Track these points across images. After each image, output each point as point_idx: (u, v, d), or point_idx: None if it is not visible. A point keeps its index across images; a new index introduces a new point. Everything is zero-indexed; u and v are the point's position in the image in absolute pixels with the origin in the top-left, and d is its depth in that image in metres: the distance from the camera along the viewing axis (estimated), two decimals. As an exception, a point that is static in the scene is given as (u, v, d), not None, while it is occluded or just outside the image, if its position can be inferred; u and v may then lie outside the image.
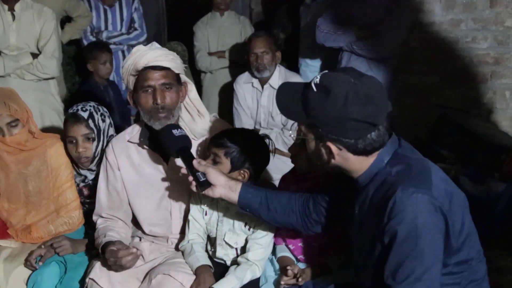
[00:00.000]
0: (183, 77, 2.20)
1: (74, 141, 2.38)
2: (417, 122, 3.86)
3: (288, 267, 1.99)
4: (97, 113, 2.41)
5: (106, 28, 4.45)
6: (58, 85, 3.88)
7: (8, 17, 3.33)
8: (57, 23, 3.56)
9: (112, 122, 2.50)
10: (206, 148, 2.15)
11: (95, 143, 2.39)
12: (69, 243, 2.31)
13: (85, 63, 4.01)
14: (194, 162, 1.91)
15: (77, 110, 2.39)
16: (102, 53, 3.90)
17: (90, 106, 2.43)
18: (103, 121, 2.43)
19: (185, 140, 1.99)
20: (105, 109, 2.49)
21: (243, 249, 2.14)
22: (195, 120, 2.24)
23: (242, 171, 2.08)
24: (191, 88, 2.25)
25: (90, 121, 2.37)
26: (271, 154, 2.18)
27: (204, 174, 1.89)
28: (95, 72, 3.92)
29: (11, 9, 3.34)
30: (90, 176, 2.48)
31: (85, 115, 2.37)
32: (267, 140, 2.17)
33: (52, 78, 3.52)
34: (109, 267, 2.06)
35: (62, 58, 3.78)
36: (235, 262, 2.16)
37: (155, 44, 2.17)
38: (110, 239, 2.13)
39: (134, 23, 4.51)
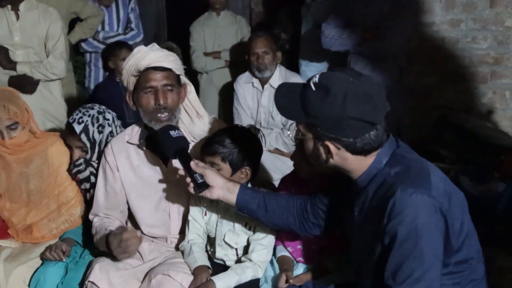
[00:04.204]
0: (183, 78, 2.20)
1: (71, 147, 2.42)
2: (417, 122, 3.86)
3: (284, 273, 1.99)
4: (93, 125, 2.39)
5: (103, 28, 4.45)
6: (68, 86, 3.91)
7: (12, 16, 3.33)
8: (63, 24, 3.55)
9: (115, 130, 2.45)
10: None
11: (88, 154, 2.40)
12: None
13: (106, 62, 4.10)
14: (192, 163, 1.91)
15: (74, 120, 2.38)
16: (121, 49, 3.93)
17: (89, 116, 2.40)
18: (100, 132, 2.40)
19: (183, 141, 1.99)
20: (107, 117, 2.46)
21: (243, 250, 2.14)
22: (194, 121, 2.24)
23: (243, 170, 2.08)
24: (191, 89, 2.24)
25: (83, 135, 2.37)
26: (263, 146, 2.18)
27: (202, 176, 1.89)
28: (116, 69, 3.96)
29: (16, 9, 3.34)
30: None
31: (78, 128, 2.36)
32: (254, 132, 2.18)
33: (59, 78, 3.52)
34: (109, 268, 2.06)
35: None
36: (235, 263, 2.16)
37: (155, 45, 2.17)
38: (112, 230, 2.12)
39: (130, 23, 4.51)
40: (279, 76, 3.65)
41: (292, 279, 1.98)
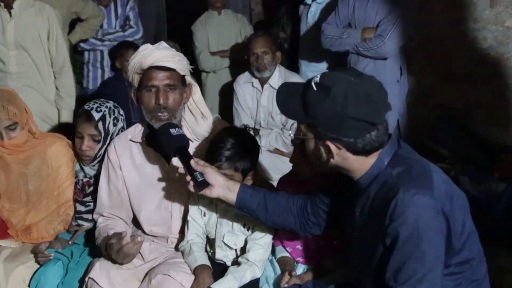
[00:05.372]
0: (188, 79, 2.20)
1: (80, 136, 2.39)
2: (417, 122, 3.86)
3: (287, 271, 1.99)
4: (110, 116, 2.40)
5: (101, 26, 4.45)
6: None
7: (5, 14, 3.30)
8: (60, 25, 3.55)
9: (125, 126, 2.47)
10: (205, 149, 2.15)
11: (99, 145, 2.38)
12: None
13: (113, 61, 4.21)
14: (192, 162, 1.90)
15: (92, 108, 2.38)
16: (128, 50, 3.96)
17: (106, 107, 2.41)
18: (115, 125, 2.41)
19: (183, 140, 1.98)
20: (121, 112, 2.48)
21: (243, 250, 2.14)
22: (198, 122, 2.24)
23: (251, 173, 2.08)
24: (196, 90, 2.24)
25: (100, 124, 2.36)
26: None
27: (202, 174, 1.88)
28: (122, 69, 4.01)
29: (9, 7, 3.31)
30: (92, 172, 2.48)
31: (97, 116, 2.36)
32: (249, 130, 2.19)
33: None
34: (109, 267, 2.06)
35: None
36: (235, 263, 2.16)
37: (162, 44, 2.17)
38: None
39: (129, 21, 4.52)
40: (278, 76, 3.65)
41: (295, 277, 1.98)
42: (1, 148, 2.41)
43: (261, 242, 2.09)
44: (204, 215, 2.17)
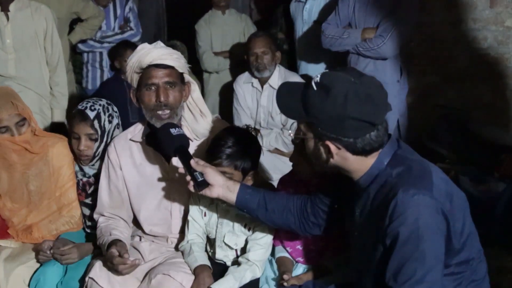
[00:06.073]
0: (187, 77, 2.21)
1: (77, 137, 2.39)
2: (417, 122, 3.86)
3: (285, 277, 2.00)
4: (105, 114, 2.40)
5: (100, 28, 4.45)
6: (68, 86, 3.91)
7: (2, 18, 3.29)
8: (56, 24, 3.54)
9: (120, 123, 2.48)
10: (205, 148, 2.15)
11: (97, 143, 2.38)
12: (77, 254, 2.29)
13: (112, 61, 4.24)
14: (192, 161, 1.90)
15: (86, 108, 2.38)
16: (127, 50, 3.97)
17: (100, 105, 2.41)
18: (110, 122, 2.41)
19: (183, 139, 1.98)
20: (115, 109, 2.48)
21: (243, 250, 2.14)
22: (198, 120, 2.24)
23: (251, 173, 2.08)
24: (194, 88, 2.25)
25: (96, 122, 2.37)
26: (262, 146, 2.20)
27: (202, 174, 1.88)
28: (121, 69, 4.02)
29: (6, 10, 3.30)
30: (91, 171, 2.48)
31: (92, 115, 2.36)
32: (251, 130, 2.19)
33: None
34: (109, 267, 2.06)
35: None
36: (235, 263, 2.16)
37: (159, 43, 2.17)
38: (117, 237, 2.14)
39: (129, 23, 4.53)
40: (278, 76, 3.65)
41: (287, 281, 1.97)
42: (11, 145, 2.41)
43: (262, 242, 2.09)
44: (205, 215, 2.17)
